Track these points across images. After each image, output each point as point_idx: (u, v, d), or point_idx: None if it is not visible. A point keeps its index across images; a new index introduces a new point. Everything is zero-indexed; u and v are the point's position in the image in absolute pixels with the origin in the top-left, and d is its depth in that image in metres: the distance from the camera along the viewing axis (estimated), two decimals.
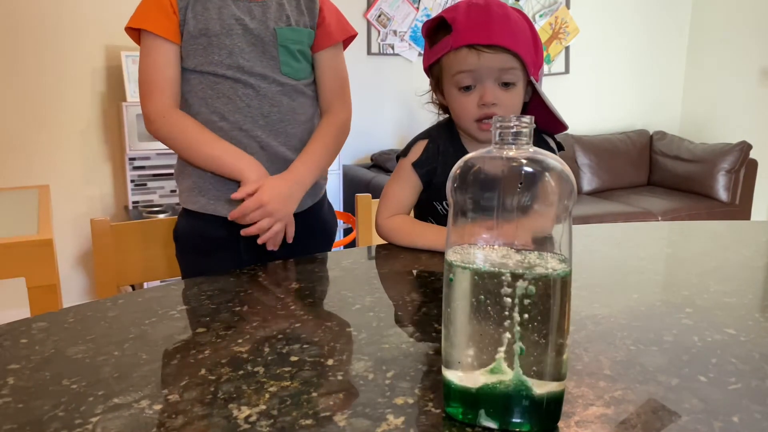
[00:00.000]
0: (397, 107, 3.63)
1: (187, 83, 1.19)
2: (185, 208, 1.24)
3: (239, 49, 1.17)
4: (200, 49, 1.16)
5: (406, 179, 1.15)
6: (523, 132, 0.51)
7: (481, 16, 1.03)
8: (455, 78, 1.06)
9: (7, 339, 0.72)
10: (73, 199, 2.96)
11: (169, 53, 1.16)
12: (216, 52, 1.16)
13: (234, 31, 1.16)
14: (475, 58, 1.02)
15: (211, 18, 1.15)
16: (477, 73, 1.03)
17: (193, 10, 1.15)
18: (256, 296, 0.86)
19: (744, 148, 3.69)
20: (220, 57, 1.16)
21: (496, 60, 1.02)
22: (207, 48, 1.16)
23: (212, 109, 1.18)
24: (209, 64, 1.17)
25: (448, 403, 0.54)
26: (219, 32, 1.16)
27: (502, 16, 1.03)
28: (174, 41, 1.16)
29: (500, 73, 1.03)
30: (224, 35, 1.16)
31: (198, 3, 1.16)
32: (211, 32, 1.16)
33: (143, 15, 1.16)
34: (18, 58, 2.78)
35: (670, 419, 0.54)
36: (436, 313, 0.79)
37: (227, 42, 1.16)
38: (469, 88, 1.06)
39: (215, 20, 1.16)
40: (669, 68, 4.36)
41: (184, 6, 1.15)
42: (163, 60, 1.16)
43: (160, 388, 0.60)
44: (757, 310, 0.81)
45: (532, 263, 0.50)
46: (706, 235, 1.25)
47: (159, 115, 1.16)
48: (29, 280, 1.36)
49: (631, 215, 3.48)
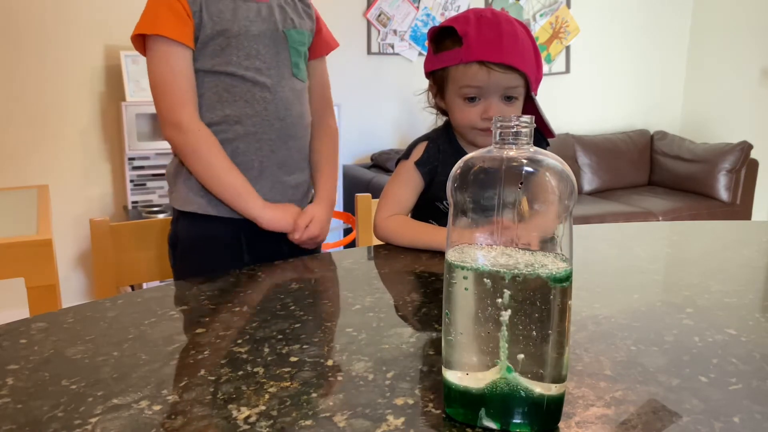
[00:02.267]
0: (397, 107, 3.63)
1: (201, 85, 1.17)
2: (181, 211, 1.22)
3: (256, 51, 1.17)
4: (218, 50, 1.16)
5: (407, 179, 1.16)
6: (523, 132, 0.51)
7: (492, 32, 1.05)
8: (462, 89, 1.09)
9: (6, 339, 0.72)
10: (73, 199, 2.96)
11: (187, 58, 1.15)
12: (234, 53, 1.16)
13: (251, 32, 1.17)
14: (486, 75, 1.05)
15: (227, 19, 1.15)
16: (484, 88, 1.07)
17: (207, 11, 1.14)
18: (256, 296, 0.86)
19: (745, 148, 3.69)
20: (238, 58, 1.16)
21: (504, 78, 1.06)
22: (225, 49, 1.16)
23: (227, 111, 1.17)
24: (227, 64, 1.16)
25: (449, 403, 0.54)
26: (237, 33, 1.16)
27: (512, 34, 1.06)
28: (190, 46, 1.15)
29: (505, 90, 1.08)
30: (243, 36, 1.16)
31: (211, 4, 1.15)
32: (230, 33, 1.15)
33: (155, 20, 1.13)
34: (17, 57, 2.77)
35: (671, 420, 0.54)
36: (436, 314, 0.79)
37: (245, 43, 1.16)
38: (473, 99, 1.09)
39: (231, 21, 1.15)
40: (670, 68, 4.36)
41: (197, 9, 1.14)
42: (183, 66, 1.14)
43: (159, 389, 0.60)
44: (758, 310, 0.81)
45: (533, 263, 0.50)
46: (707, 235, 1.25)
47: (190, 128, 1.14)
48: (28, 281, 1.36)
49: (632, 215, 3.48)
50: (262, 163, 1.21)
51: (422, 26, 3.59)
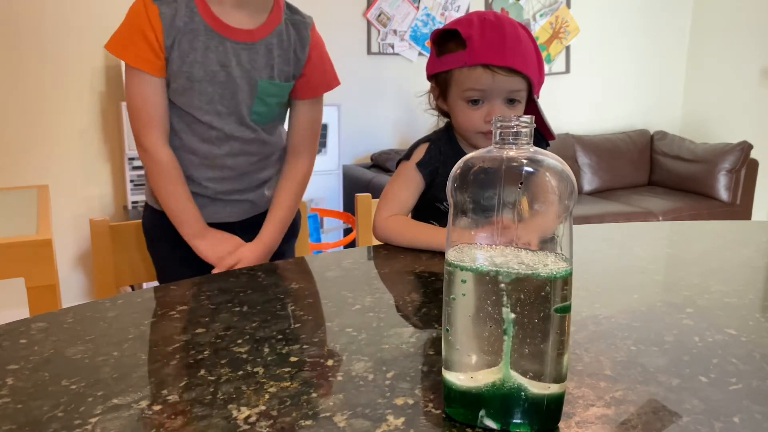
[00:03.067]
0: (397, 107, 3.63)
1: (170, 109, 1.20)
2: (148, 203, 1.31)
3: (219, 96, 1.17)
4: (180, 90, 1.16)
5: (408, 180, 1.17)
6: (523, 132, 0.51)
7: (496, 35, 1.06)
8: (465, 93, 1.09)
9: (6, 339, 0.72)
10: (73, 199, 2.96)
11: (158, 86, 1.16)
12: (196, 96, 1.16)
13: (217, 78, 1.16)
14: (490, 78, 1.06)
15: (195, 62, 1.14)
16: (488, 91, 1.07)
17: (179, 49, 1.13)
18: (256, 296, 0.86)
19: (745, 148, 3.69)
20: (199, 102, 1.17)
21: (508, 82, 1.06)
22: (188, 91, 1.16)
23: (186, 142, 1.21)
24: (188, 105, 1.18)
25: (449, 403, 0.54)
26: (202, 78, 1.15)
27: (515, 37, 1.06)
28: (162, 76, 1.15)
29: (508, 93, 1.08)
30: (206, 82, 1.16)
31: (184, 40, 1.13)
32: (194, 77, 1.15)
33: (130, 47, 1.13)
34: (17, 57, 2.77)
35: (671, 420, 0.54)
36: (436, 314, 0.79)
37: (209, 89, 1.16)
38: (477, 101, 1.09)
39: (199, 64, 1.14)
40: (670, 68, 4.36)
41: (170, 44, 1.13)
42: (152, 93, 1.16)
43: (159, 389, 0.60)
44: (758, 310, 0.81)
45: (533, 263, 0.50)
46: (707, 235, 1.25)
47: (151, 152, 1.18)
48: (28, 281, 1.36)
49: (632, 215, 3.48)
50: (215, 188, 1.26)
51: (422, 26, 3.59)
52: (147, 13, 1.11)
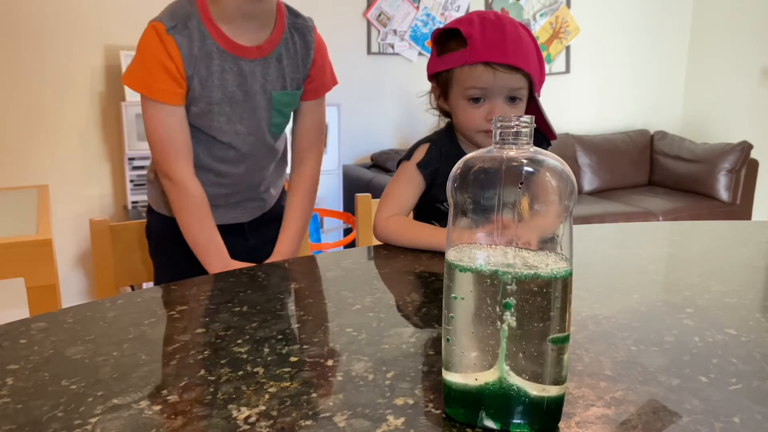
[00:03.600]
0: (397, 107, 3.63)
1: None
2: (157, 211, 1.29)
3: (238, 116, 1.18)
4: (199, 113, 1.16)
5: (408, 180, 1.16)
6: (523, 132, 0.51)
7: (497, 34, 1.06)
8: (467, 91, 1.09)
9: (6, 339, 0.72)
10: (72, 199, 2.96)
11: (180, 115, 1.15)
12: (215, 118, 1.17)
13: (235, 99, 1.16)
14: (491, 76, 1.06)
15: (213, 85, 1.14)
16: (489, 89, 1.07)
17: (198, 75, 1.13)
18: (256, 296, 0.86)
19: (745, 148, 3.69)
20: (218, 123, 1.17)
21: (509, 79, 1.06)
22: (207, 114, 1.16)
23: (204, 161, 1.21)
24: (207, 127, 1.18)
25: (449, 403, 0.54)
26: (221, 100, 1.15)
27: (515, 36, 1.07)
28: (182, 105, 1.15)
29: (510, 91, 1.08)
30: (225, 103, 1.16)
31: (202, 66, 1.13)
32: (213, 100, 1.15)
33: (150, 80, 1.12)
34: (17, 57, 2.77)
35: (671, 420, 0.54)
36: (436, 314, 0.79)
37: (227, 109, 1.17)
38: (478, 100, 1.09)
39: (218, 87, 1.15)
40: (670, 68, 4.36)
41: (191, 74, 1.12)
42: (176, 122, 1.15)
43: (159, 389, 0.60)
44: (758, 310, 0.81)
45: (533, 263, 0.50)
46: (707, 235, 1.25)
47: (178, 182, 1.16)
48: (28, 280, 1.36)
49: (632, 215, 3.48)
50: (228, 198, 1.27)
51: (422, 26, 3.59)
52: (164, 45, 1.10)
